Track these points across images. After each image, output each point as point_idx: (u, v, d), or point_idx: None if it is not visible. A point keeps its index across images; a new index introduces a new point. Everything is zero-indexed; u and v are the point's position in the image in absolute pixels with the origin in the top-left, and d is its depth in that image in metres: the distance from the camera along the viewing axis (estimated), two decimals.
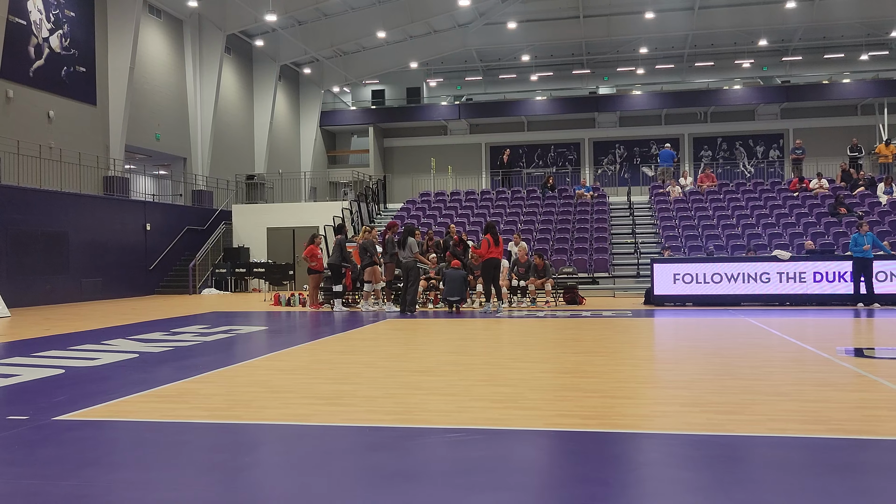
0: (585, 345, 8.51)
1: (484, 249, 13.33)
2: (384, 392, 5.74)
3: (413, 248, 13.24)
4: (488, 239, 13.31)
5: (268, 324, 11.84)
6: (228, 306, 16.48)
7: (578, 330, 10.20)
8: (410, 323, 11.80)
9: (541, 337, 9.50)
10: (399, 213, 23.51)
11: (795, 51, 33.94)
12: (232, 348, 8.83)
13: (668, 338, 9.69)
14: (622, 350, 8.06)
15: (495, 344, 8.85)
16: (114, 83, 21.54)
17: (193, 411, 5.12)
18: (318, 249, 15.45)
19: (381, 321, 12.00)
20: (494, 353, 7.90)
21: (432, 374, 6.53)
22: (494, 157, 34.40)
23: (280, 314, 13.94)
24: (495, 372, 6.62)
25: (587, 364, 7.00)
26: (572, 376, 6.33)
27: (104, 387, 6.07)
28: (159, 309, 15.61)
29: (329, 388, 5.95)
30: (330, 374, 6.66)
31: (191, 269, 22.43)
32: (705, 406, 5.07)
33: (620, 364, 6.99)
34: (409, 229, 13.58)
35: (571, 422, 4.67)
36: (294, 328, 11.37)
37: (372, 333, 10.21)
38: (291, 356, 7.88)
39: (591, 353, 7.78)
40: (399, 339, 9.45)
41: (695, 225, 20.16)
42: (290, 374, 6.63)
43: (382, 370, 6.80)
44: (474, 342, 8.99)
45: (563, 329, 10.44)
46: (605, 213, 22.05)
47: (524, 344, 8.72)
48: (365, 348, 8.53)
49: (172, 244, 23.18)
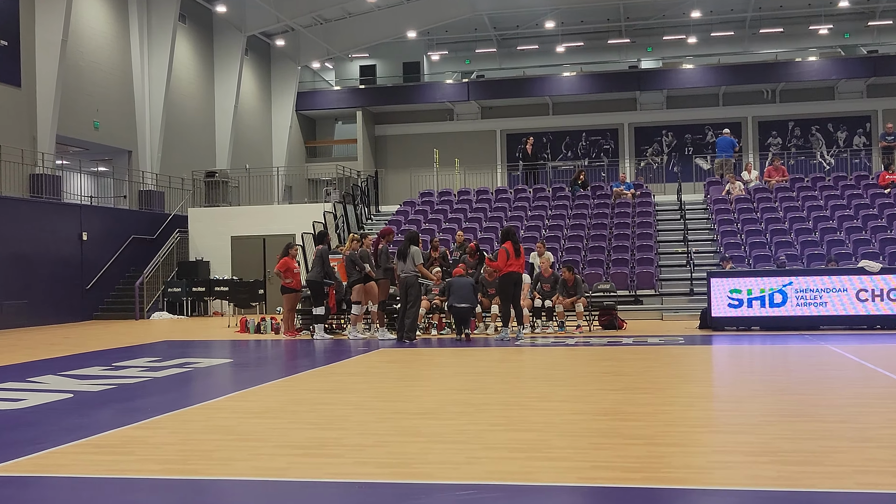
0: (626, 380, 8.50)
1: (501, 262, 13.35)
2: (377, 439, 5.77)
3: (416, 260, 13.38)
4: (506, 249, 13.33)
5: (233, 355, 11.89)
6: (184, 334, 16.50)
7: (618, 361, 10.20)
8: (409, 354, 11.81)
9: (571, 370, 9.51)
10: (395, 218, 23.56)
11: (885, 13, 34.01)
12: (188, 386, 8.84)
13: (728, 370, 9.73)
14: (672, 386, 8.07)
15: (514, 379, 8.85)
16: (42, 60, 21.69)
17: (141, 464, 5.14)
18: (295, 263, 15.48)
19: (372, 351, 12.03)
20: (513, 391, 7.91)
21: (436, 418, 6.57)
22: (512, 148, 34.60)
23: (248, 343, 14.03)
24: (515, 414, 6.64)
25: (629, 404, 7.02)
26: (610, 419, 6.36)
27: (30, 434, 6.10)
28: (98, 338, 15.58)
29: (309, 434, 5.99)
30: (310, 417, 6.69)
31: (137, 289, 22.52)
32: (775, 455, 5.08)
33: (670, 403, 7.01)
34: (412, 236, 13.68)
35: (610, 475, 4.68)
36: (265, 361, 11.41)
37: (362, 367, 10.23)
38: (262, 395, 7.92)
39: (634, 389, 7.79)
40: (395, 374, 9.47)
41: (761, 230, 20.25)
42: (260, 418, 6.67)
43: (375, 412, 6.84)
44: (489, 377, 9.00)
45: (598, 360, 10.43)
46: (650, 216, 22.11)
47: (550, 379, 8.72)
48: (353, 385, 8.55)
49: (115, 257, 23.29)
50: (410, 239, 13.65)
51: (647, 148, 35.09)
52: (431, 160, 29.86)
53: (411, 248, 13.44)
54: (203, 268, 24.10)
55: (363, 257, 14.28)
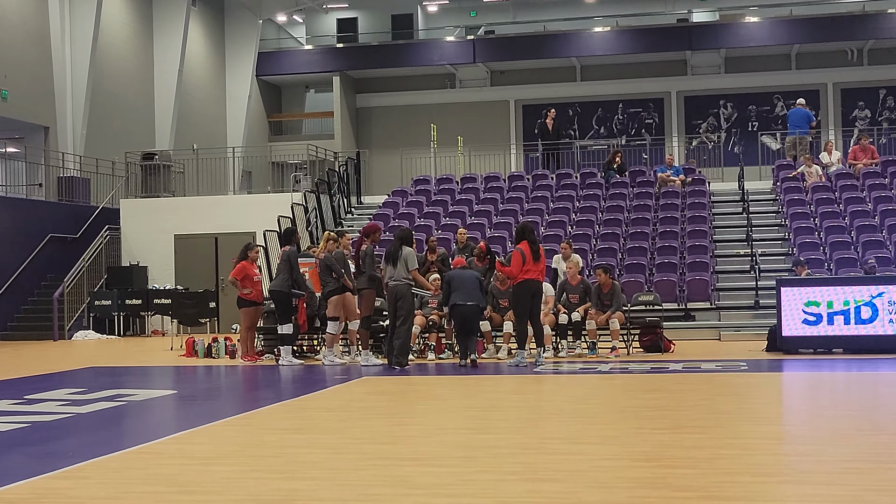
0: (675, 416, 8.50)
1: (515, 267, 13.35)
2: (359, 492, 5.75)
3: (410, 264, 13.46)
4: (521, 251, 13.32)
5: (177, 386, 11.82)
6: (115, 358, 16.36)
7: (663, 393, 10.16)
8: (400, 383, 11.70)
9: (604, 404, 9.51)
10: (381, 212, 23.45)
11: None
12: (121, 425, 8.83)
13: (803, 405, 9.77)
14: (732, 424, 8.05)
15: (533, 415, 8.85)
16: None
17: None
18: (255, 269, 15.45)
19: (353, 380, 11.98)
20: (532, 430, 7.91)
21: (435, 464, 6.55)
22: (530, 123, 34.33)
23: (196, 371, 13.90)
24: (534, 460, 6.63)
25: (677, 446, 7.03)
26: (654, 465, 6.35)
27: None
28: (6, 363, 15.47)
29: (273, 486, 5.97)
30: (274, 464, 6.68)
31: (56, 301, 22.44)
32: None
33: (729, 446, 7.01)
34: (404, 235, 13.78)
35: None
36: (218, 392, 11.33)
37: (340, 399, 10.17)
38: (214, 437, 7.92)
39: (684, 428, 7.79)
40: (382, 409, 9.45)
41: (845, 226, 20.22)
42: (211, 465, 6.65)
43: (356, 457, 6.84)
44: (501, 413, 8.97)
45: (639, 391, 10.38)
46: (705, 209, 22.03)
47: (578, 415, 8.72)
48: (328, 423, 8.53)
49: (27, 262, 23.19)
50: (402, 238, 13.68)
51: (701, 123, 35.06)
52: (428, 138, 29.80)
53: (403, 250, 13.46)
54: (139, 275, 24.03)
55: (340, 261, 14.32)
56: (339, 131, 35.36)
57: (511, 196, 23.67)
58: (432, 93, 36.34)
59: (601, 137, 34.96)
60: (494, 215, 22.56)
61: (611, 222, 21.55)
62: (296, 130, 38.28)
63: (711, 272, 19.21)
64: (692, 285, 18.56)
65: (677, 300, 18.38)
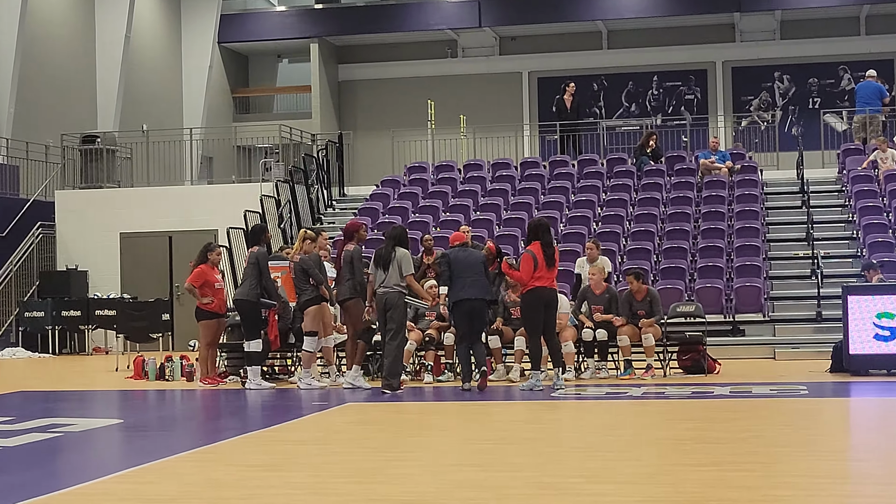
0: (720, 450, 8.48)
1: (525, 272, 13.35)
2: None
3: (405, 268, 13.51)
4: (533, 254, 13.33)
5: (123, 414, 11.76)
6: (49, 381, 16.29)
7: (707, 422, 10.09)
8: (391, 411, 11.61)
9: (635, 435, 9.46)
10: (368, 205, 23.40)
11: None
12: (55, 461, 8.73)
13: (876, 436, 9.65)
14: (787, 460, 8.02)
15: (550, 449, 8.80)
16: None
17: None
18: (217, 273, 15.43)
19: (335, 407, 11.88)
20: (549, 467, 7.89)
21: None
22: (547, 99, 33.90)
23: (146, 396, 13.74)
24: (551, 502, 6.63)
25: (724, 486, 6.97)
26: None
27: None
28: None
29: None
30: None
31: None
32: None
33: (784, 486, 6.97)
34: (398, 235, 13.82)
35: None
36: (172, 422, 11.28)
37: (318, 430, 10.09)
38: (167, 475, 7.86)
39: (731, 465, 7.75)
40: (370, 442, 9.40)
41: None
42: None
43: (338, 500, 6.80)
44: (512, 446, 8.94)
45: (677, 420, 10.31)
46: (757, 202, 21.94)
47: (604, 449, 8.68)
48: (305, 459, 8.49)
49: None
50: (396, 238, 13.69)
51: (752, 99, 34.88)
52: (424, 118, 29.64)
53: (397, 252, 13.48)
54: (78, 281, 23.87)
55: (316, 264, 14.28)
56: (317, 109, 35.05)
57: (524, 187, 23.56)
58: (429, 63, 36.07)
59: (632, 117, 34.72)
60: (504, 210, 22.43)
61: (644, 218, 21.47)
62: (266, 108, 38.04)
63: (764, 278, 19.05)
64: (741, 293, 18.40)
65: (723, 311, 18.25)
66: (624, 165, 24.31)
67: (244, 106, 37.80)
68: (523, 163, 25.39)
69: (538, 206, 22.51)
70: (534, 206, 22.48)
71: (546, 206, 22.38)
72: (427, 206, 22.95)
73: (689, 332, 15.83)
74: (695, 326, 16.21)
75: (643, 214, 21.63)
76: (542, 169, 24.55)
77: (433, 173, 25.03)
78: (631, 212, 22.05)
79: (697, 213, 21.72)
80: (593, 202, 22.53)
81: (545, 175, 24.16)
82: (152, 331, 20.27)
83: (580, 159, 24.82)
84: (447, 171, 25.02)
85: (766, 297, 18.74)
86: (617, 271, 18.53)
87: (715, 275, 19.01)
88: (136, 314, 20.45)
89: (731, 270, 19.26)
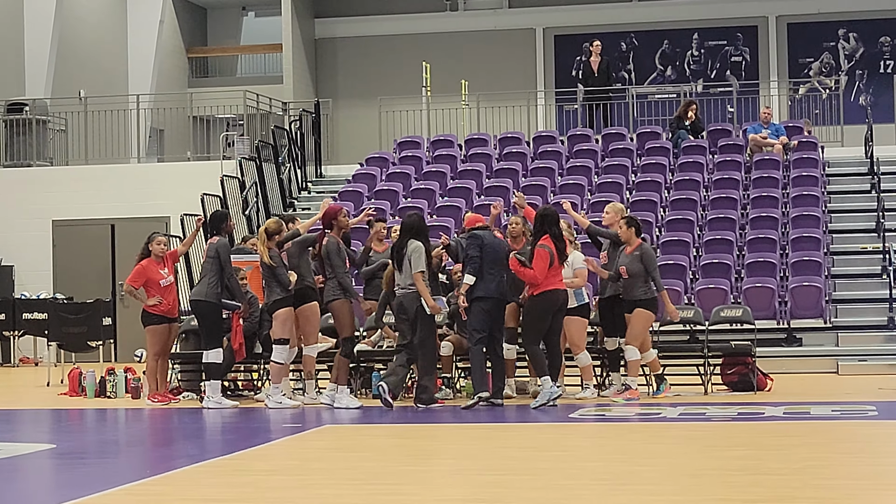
0: (772, 483, 8.18)
1: (539, 271, 13.29)
2: None
3: (414, 264, 13.53)
4: (550, 249, 13.26)
5: (56, 437, 11.74)
6: None
7: (757, 450, 9.82)
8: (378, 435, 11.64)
9: (672, 466, 9.19)
10: (351, 188, 22.71)
11: None
12: None
13: None
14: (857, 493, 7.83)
15: (568, 481, 8.55)
16: None
17: None
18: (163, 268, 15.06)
19: (311, 430, 11.94)
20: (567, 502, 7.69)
21: None
22: (566, 61, 33.48)
23: (83, 416, 13.81)
24: None
25: None
26: None
27: None
28: None
29: None
30: None
31: None
32: None
33: None
34: (413, 224, 13.79)
35: None
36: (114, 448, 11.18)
37: (291, 458, 10.10)
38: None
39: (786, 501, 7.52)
40: (353, 472, 9.16)
41: None
42: None
43: None
44: (522, 477, 8.67)
45: (722, 447, 10.12)
46: (817, 185, 21.55)
47: (635, 481, 8.48)
48: (276, 493, 8.26)
49: None
50: (410, 229, 13.67)
51: (811, 62, 33.95)
52: (418, 83, 29.09)
53: (410, 246, 13.47)
54: (2, 279, 23.56)
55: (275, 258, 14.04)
56: (289, 73, 34.08)
57: (538, 166, 22.88)
58: (425, 18, 35.14)
59: (668, 82, 34.03)
60: (514, 194, 21.15)
61: (681, 204, 20.91)
62: (228, 71, 37.42)
63: (826, 276, 18.74)
64: (798, 295, 18.10)
65: (776, 316, 18.00)
66: (658, 141, 23.60)
67: (202, 68, 37.11)
68: (537, 137, 24.64)
69: (554, 188, 21.75)
70: (549, 189, 21.69)
71: (564, 189, 21.50)
72: (421, 189, 22.26)
73: (736, 342, 15.46)
74: (742, 334, 16.17)
75: (680, 200, 21.07)
76: (560, 145, 23.93)
77: (429, 150, 24.26)
78: (666, 197, 21.48)
79: (745, 198, 21.23)
80: (620, 185, 21.73)
81: (563, 152, 23.49)
82: (91, 338, 19.69)
83: (605, 133, 24.19)
84: (445, 147, 24.24)
85: (828, 299, 18.34)
86: None
87: (766, 272, 18.58)
88: (72, 318, 19.83)
89: (786, 267, 18.93)
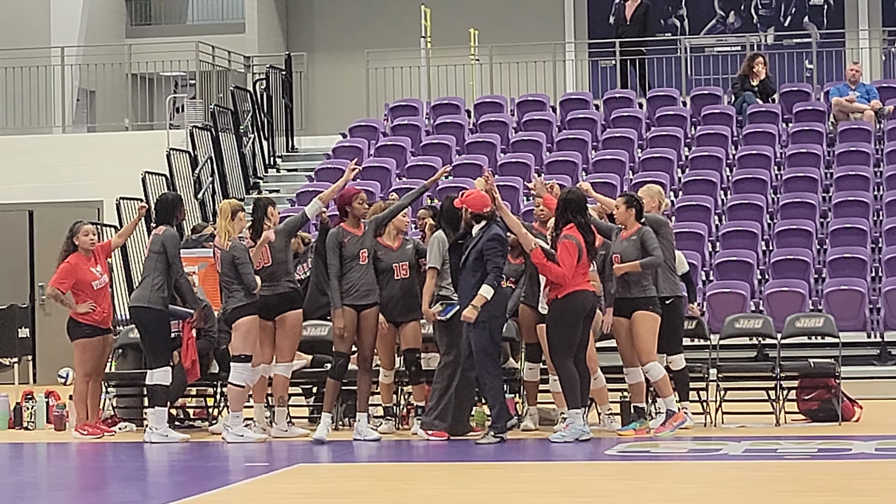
0: None
1: (568, 267, 12.64)
2: None
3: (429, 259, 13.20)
4: (577, 242, 12.59)
5: None
6: None
7: (844, 495, 9.34)
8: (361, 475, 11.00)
9: None
10: (330, 164, 21.02)
11: None
12: None
13: None
14: None
15: None
16: None
17: None
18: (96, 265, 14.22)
19: (279, 471, 11.27)
20: None
21: None
22: (600, 6, 32.06)
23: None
24: None
25: None
26: None
27: None
28: None
29: None
30: None
31: None
32: None
33: None
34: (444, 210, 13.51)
35: None
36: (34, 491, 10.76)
37: None
38: None
39: None
40: None
41: None
42: None
43: None
44: None
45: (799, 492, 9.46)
46: None
47: None
48: None
49: None
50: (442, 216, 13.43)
51: None
52: (415, 34, 27.58)
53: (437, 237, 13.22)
54: None
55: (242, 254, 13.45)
56: (254, 20, 32.59)
57: (566, 137, 21.27)
58: None
59: (729, 32, 31.87)
60: (536, 172, 19.70)
61: (746, 185, 19.48)
62: (175, 18, 35.62)
63: None
64: (894, 301, 16.85)
65: (866, 327, 16.85)
66: (717, 105, 22.12)
67: (143, 15, 35.27)
68: (565, 101, 22.87)
69: (587, 166, 20.33)
70: (580, 166, 20.09)
71: (598, 165, 20.38)
72: (419, 165, 20.51)
73: (815, 359, 14.67)
74: (823, 350, 15.60)
75: (745, 180, 19.61)
76: (594, 110, 22.30)
77: (429, 116, 22.67)
78: (727, 176, 20.09)
79: (828, 177, 19.91)
80: (671, 161, 20.25)
81: (598, 119, 21.86)
82: (3, 354, 19.05)
83: (651, 96, 22.50)
84: (450, 112, 22.57)
85: None
86: (706, 266, 17.15)
87: (853, 272, 17.35)
88: None
89: (879, 266, 17.79)
